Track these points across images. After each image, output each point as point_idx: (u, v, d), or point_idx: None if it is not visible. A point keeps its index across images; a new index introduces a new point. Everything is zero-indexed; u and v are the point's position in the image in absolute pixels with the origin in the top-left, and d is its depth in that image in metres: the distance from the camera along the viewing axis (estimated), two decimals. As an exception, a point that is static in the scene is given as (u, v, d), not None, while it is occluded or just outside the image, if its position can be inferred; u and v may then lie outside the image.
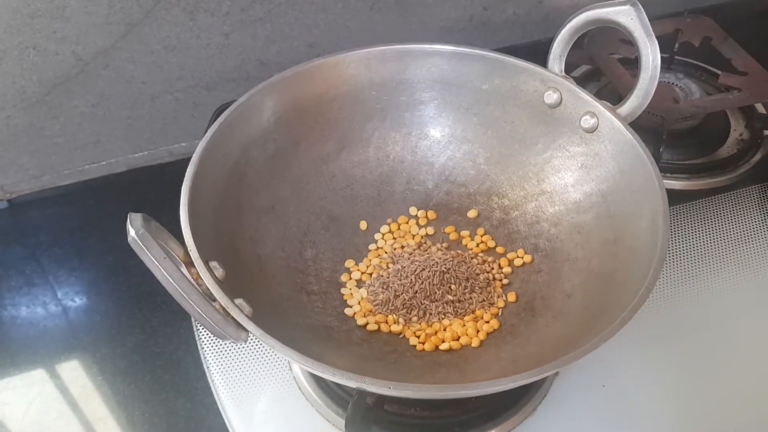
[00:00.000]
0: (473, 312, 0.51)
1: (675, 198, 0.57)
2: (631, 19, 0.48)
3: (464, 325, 0.50)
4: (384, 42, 0.55)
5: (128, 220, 0.37)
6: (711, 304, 0.56)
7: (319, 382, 0.50)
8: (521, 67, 0.54)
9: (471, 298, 0.51)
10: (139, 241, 0.36)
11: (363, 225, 0.57)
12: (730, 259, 0.59)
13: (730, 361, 0.52)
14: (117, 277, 0.61)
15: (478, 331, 0.49)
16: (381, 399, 0.40)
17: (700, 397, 0.50)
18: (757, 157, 0.68)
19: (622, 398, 0.50)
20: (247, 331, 0.39)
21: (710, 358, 0.52)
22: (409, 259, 0.54)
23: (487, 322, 0.50)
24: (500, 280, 0.53)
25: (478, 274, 0.53)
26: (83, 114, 0.66)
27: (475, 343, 0.49)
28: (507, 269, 0.54)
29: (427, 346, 0.49)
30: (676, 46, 0.75)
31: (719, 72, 0.71)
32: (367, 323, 0.50)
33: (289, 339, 0.37)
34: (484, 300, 0.51)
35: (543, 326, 0.48)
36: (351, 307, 0.52)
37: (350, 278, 0.54)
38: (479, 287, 0.52)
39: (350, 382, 0.36)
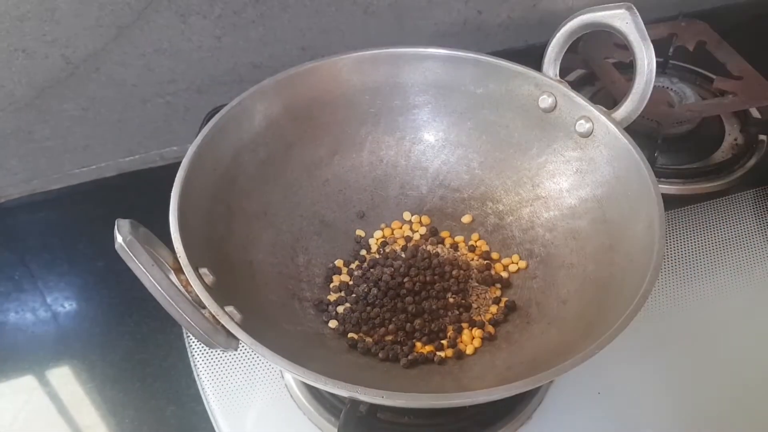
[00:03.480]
0: (468, 319, 0.50)
1: (670, 203, 0.56)
2: (626, 23, 0.47)
3: (459, 332, 0.49)
4: (377, 45, 0.55)
5: (116, 226, 0.37)
6: (706, 309, 0.56)
7: (312, 390, 0.49)
8: (516, 71, 0.54)
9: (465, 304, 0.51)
10: (126, 248, 0.36)
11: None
12: (725, 263, 0.59)
13: (727, 367, 0.52)
14: (107, 283, 0.61)
15: (472, 338, 0.49)
16: (374, 407, 0.39)
17: (697, 404, 0.50)
18: (752, 161, 0.67)
19: (617, 405, 0.50)
20: (237, 339, 0.38)
21: (706, 364, 0.52)
22: (402, 264, 0.53)
23: (482, 328, 0.50)
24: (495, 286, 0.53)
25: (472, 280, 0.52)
26: (73, 118, 0.65)
27: (469, 350, 0.48)
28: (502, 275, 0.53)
29: (421, 353, 0.48)
30: (671, 50, 0.75)
31: (714, 76, 0.71)
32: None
33: (281, 347, 0.37)
34: (478, 306, 0.51)
35: (538, 333, 0.48)
36: (344, 313, 0.51)
37: (343, 284, 0.53)
38: (474, 293, 0.51)
39: (342, 391, 0.36)
